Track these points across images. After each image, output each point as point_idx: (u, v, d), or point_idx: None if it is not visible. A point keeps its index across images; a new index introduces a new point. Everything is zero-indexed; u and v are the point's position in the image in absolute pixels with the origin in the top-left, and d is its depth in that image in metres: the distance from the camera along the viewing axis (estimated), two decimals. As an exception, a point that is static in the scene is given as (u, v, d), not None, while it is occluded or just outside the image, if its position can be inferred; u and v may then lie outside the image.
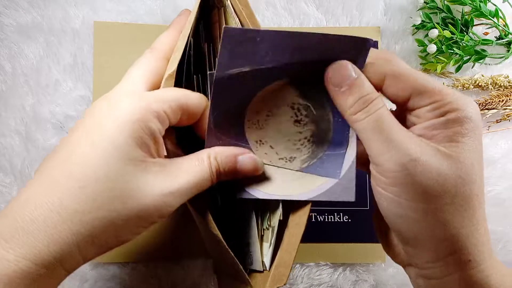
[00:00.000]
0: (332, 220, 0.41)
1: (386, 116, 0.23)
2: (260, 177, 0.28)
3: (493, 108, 0.41)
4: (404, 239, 0.25)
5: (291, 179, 0.28)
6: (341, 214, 0.41)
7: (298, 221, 0.28)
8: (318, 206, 0.41)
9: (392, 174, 0.23)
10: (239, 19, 0.29)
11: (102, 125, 0.24)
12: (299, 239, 0.28)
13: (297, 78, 0.26)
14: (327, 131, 0.27)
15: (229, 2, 0.29)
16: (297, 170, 0.28)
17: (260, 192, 0.28)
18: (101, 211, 0.23)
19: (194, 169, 0.25)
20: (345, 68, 0.24)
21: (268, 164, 0.28)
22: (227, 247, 0.27)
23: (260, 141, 0.28)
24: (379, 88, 0.25)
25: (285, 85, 0.26)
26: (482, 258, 0.23)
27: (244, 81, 0.25)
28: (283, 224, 0.29)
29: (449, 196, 0.22)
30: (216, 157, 0.26)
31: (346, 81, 0.24)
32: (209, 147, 0.27)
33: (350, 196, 0.27)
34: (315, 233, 0.41)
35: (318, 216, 0.41)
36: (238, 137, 0.28)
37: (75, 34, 0.42)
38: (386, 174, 0.23)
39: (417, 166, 0.22)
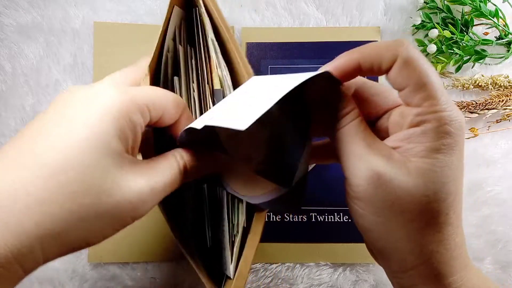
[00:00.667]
0: (332, 220, 0.41)
1: (357, 129, 0.23)
2: (230, 174, 0.29)
3: (493, 108, 0.41)
4: (374, 249, 0.25)
5: (249, 180, 0.28)
6: (341, 214, 0.41)
7: (255, 231, 0.29)
8: (318, 206, 0.41)
9: (357, 188, 0.23)
10: (211, 19, 0.30)
11: (83, 111, 0.22)
12: (254, 249, 0.29)
13: None
14: (286, 140, 0.27)
15: (201, 1, 0.30)
16: (254, 171, 0.28)
17: (228, 186, 0.29)
18: (71, 203, 0.20)
19: (167, 169, 0.25)
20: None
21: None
22: (186, 254, 0.28)
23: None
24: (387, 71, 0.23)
25: None
26: (451, 271, 0.23)
27: None
28: (247, 231, 0.30)
29: (412, 214, 0.22)
30: (182, 156, 0.26)
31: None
32: (181, 142, 0.27)
33: (296, 208, 0.27)
34: (315, 233, 0.41)
35: (318, 216, 0.41)
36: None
37: (75, 34, 0.42)
38: (353, 187, 0.23)
39: (381, 181, 0.22)
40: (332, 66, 0.24)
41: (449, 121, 0.21)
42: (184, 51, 0.31)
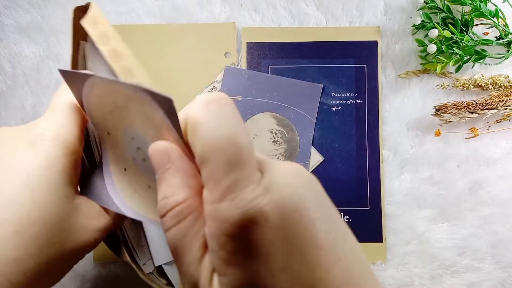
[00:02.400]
0: (332, 220, 0.41)
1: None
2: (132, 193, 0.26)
3: (493, 108, 0.41)
4: None
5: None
6: (341, 214, 0.41)
7: None
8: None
9: None
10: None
11: (28, 160, 0.22)
12: None
13: (275, 111, 0.39)
14: (296, 148, 0.39)
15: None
16: None
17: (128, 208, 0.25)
18: (41, 255, 0.21)
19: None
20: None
21: None
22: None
23: None
24: None
25: (266, 115, 0.39)
26: None
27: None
28: None
29: None
30: None
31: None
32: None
33: None
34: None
35: (318, 216, 0.41)
36: None
37: (75, 34, 0.42)
38: None
39: None
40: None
41: (225, 215, 0.15)
42: None
